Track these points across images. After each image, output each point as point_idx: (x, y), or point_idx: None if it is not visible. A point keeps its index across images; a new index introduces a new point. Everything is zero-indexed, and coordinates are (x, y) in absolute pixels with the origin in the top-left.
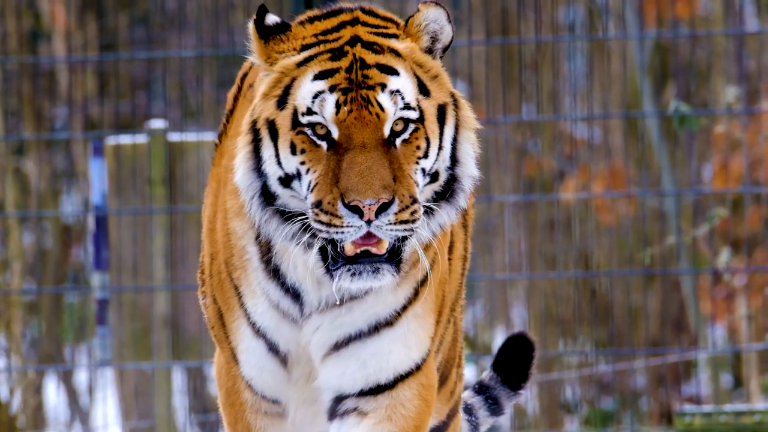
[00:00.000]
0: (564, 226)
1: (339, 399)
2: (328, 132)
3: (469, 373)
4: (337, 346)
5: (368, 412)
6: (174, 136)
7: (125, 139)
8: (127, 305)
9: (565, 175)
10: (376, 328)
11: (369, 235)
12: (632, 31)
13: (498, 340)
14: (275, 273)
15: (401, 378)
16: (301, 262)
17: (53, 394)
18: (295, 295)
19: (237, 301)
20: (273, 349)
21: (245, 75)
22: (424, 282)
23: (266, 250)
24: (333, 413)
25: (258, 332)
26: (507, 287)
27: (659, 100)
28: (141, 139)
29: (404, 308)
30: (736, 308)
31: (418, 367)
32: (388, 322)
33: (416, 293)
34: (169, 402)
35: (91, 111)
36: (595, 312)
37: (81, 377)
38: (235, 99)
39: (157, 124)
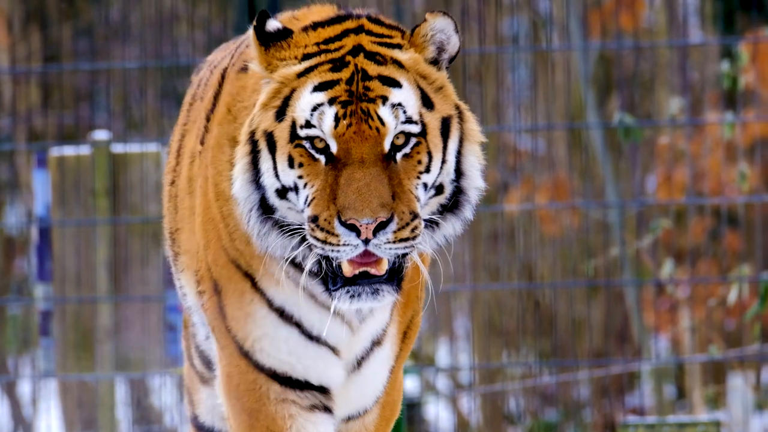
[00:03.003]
0: (508, 238)
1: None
2: (327, 146)
3: (411, 384)
4: (354, 368)
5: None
6: (117, 148)
7: (69, 151)
8: (71, 316)
9: (509, 186)
10: (372, 347)
11: (367, 254)
12: (576, 43)
13: (442, 351)
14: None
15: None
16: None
17: None
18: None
19: (249, 286)
20: (313, 337)
21: (225, 70)
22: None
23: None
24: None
25: (289, 319)
26: (450, 299)
27: (603, 112)
28: (84, 150)
29: (387, 326)
30: (680, 319)
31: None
32: (378, 341)
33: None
34: (113, 414)
35: (34, 122)
36: (539, 323)
37: (24, 388)
38: (215, 97)
39: (101, 135)
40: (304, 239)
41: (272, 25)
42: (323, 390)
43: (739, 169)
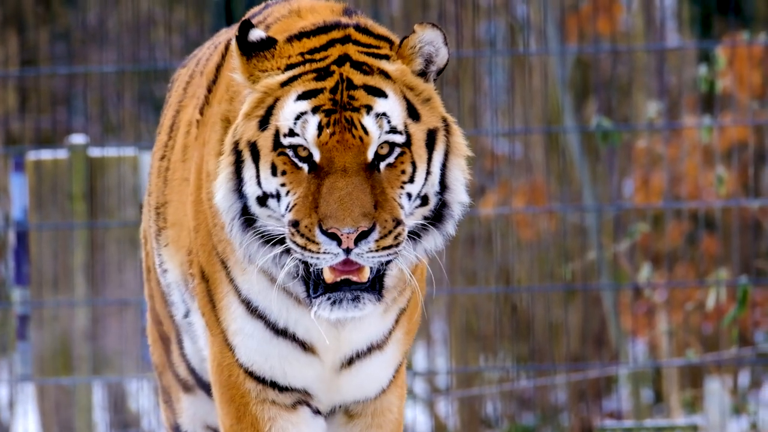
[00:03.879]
0: (485, 242)
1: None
2: (310, 154)
3: None
4: (343, 366)
5: (354, 416)
6: (95, 152)
7: (46, 155)
8: (48, 320)
9: (486, 190)
10: (369, 350)
11: (349, 262)
12: (553, 47)
13: (419, 355)
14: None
15: (384, 389)
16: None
17: None
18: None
19: (225, 275)
20: (280, 332)
21: (223, 56)
22: (404, 310)
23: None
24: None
25: (254, 312)
26: (427, 302)
27: (580, 116)
28: (62, 154)
29: (390, 333)
30: (657, 323)
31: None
32: (379, 346)
33: (398, 318)
34: (90, 417)
35: (11, 126)
36: (516, 327)
37: (2, 392)
38: (218, 68)
39: (78, 139)
40: (286, 249)
41: (255, 35)
42: (294, 390)
43: (716, 173)
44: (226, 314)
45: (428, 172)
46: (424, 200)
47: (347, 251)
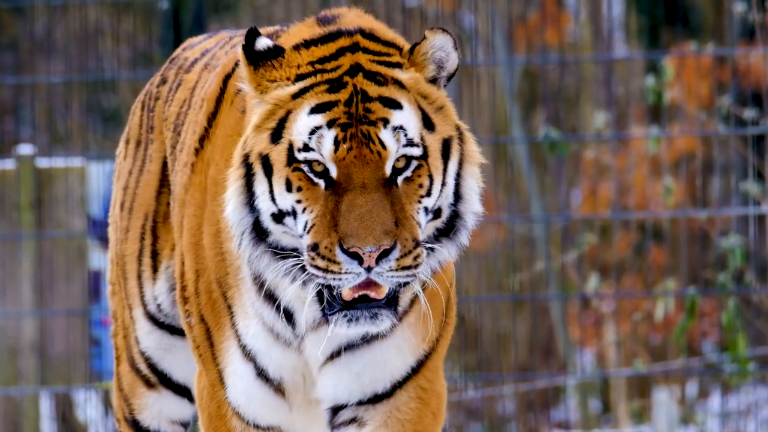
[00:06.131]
0: None
1: (336, 409)
2: (326, 170)
3: None
4: (332, 357)
5: (367, 422)
6: (42, 162)
7: None
8: None
9: None
10: (366, 340)
11: (368, 281)
12: (501, 57)
13: None
14: (269, 296)
15: (399, 384)
16: (291, 286)
17: None
18: (287, 315)
19: (229, 321)
20: (262, 374)
21: (228, 76)
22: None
23: (259, 274)
24: (332, 424)
25: (248, 355)
26: None
27: (528, 126)
28: (9, 164)
29: (399, 320)
30: (605, 334)
31: (415, 371)
32: (381, 335)
33: (411, 302)
34: (37, 428)
35: None
36: (464, 337)
37: None
38: (218, 101)
39: (26, 149)
40: (298, 264)
41: (262, 43)
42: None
43: (664, 183)
44: (225, 356)
45: (443, 183)
46: (437, 213)
47: (368, 270)
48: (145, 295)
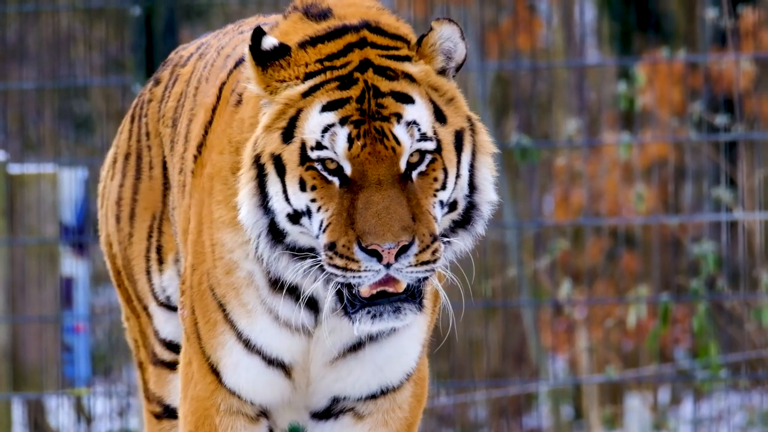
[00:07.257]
0: None
1: (338, 400)
2: (340, 167)
3: None
4: (354, 348)
5: (365, 416)
6: (14, 168)
7: None
8: None
9: None
10: (394, 328)
11: (387, 277)
12: (473, 63)
13: None
14: (291, 289)
15: (407, 377)
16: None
17: None
18: (312, 304)
19: (222, 317)
20: (273, 362)
21: (223, 84)
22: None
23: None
24: (327, 413)
25: (252, 349)
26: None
27: (500, 132)
28: None
29: None
30: (577, 340)
31: (416, 363)
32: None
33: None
34: None
35: None
36: (436, 344)
37: None
38: (213, 110)
39: None
40: (316, 264)
41: (268, 42)
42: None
43: (636, 190)
44: (219, 351)
45: (458, 176)
46: (452, 206)
47: (387, 266)
48: (155, 288)
